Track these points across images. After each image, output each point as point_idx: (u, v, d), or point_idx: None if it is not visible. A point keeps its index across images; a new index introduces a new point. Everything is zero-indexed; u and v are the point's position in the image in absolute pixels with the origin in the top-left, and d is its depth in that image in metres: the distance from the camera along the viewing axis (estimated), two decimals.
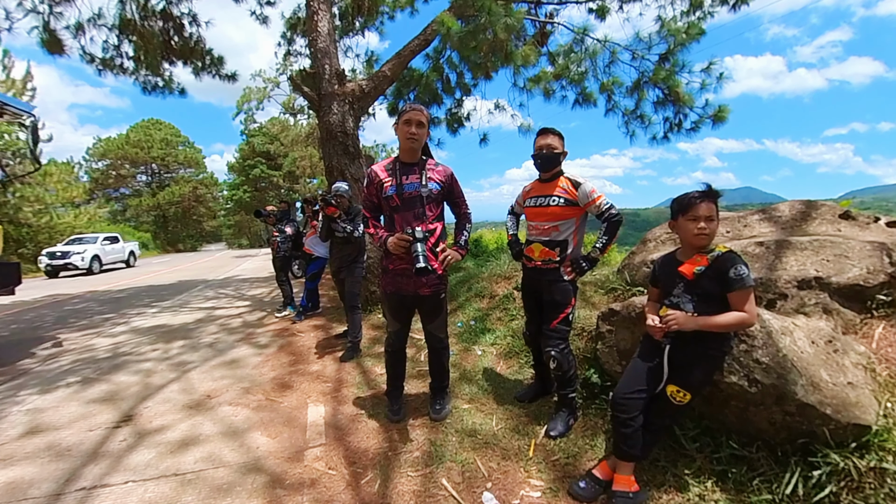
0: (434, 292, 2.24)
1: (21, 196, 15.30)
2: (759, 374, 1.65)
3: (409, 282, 2.19)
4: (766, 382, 1.63)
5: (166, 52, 6.50)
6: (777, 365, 1.63)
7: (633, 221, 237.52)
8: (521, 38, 6.23)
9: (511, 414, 2.46)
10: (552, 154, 2.19)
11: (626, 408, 1.68)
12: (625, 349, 2.27)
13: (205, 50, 6.84)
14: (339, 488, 1.90)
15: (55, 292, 9.16)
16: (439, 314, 2.34)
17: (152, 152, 32.97)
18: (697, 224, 1.60)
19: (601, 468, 1.81)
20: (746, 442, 1.77)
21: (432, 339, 2.42)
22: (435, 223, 2.19)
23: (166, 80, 6.83)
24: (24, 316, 6.43)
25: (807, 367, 1.62)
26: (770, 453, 1.71)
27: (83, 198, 19.32)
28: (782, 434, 1.67)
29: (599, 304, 3.29)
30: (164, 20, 6.38)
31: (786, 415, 1.62)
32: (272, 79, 18.06)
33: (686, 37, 5.86)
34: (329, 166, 5.17)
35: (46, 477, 2.02)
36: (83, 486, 1.94)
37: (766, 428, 1.70)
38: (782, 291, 2.16)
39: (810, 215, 2.77)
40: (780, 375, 1.61)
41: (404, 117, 2.09)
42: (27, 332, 5.28)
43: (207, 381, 3.26)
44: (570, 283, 2.22)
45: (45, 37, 5.70)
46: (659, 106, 6.55)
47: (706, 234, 1.59)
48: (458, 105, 7.55)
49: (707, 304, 1.58)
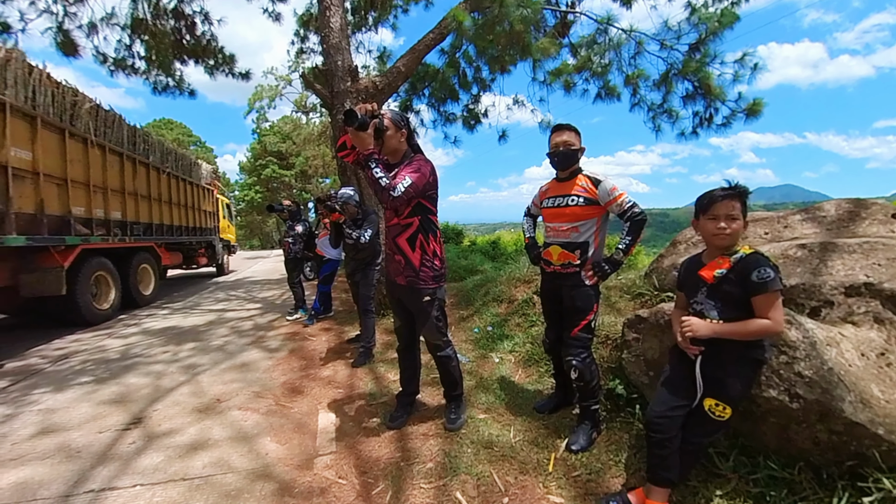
0: (409, 285, 2.27)
1: None
2: (802, 388, 1.59)
3: (391, 266, 2.35)
4: (809, 398, 1.56)
5: (178, 51, 6.73)
6: (822, 379, 1.56)
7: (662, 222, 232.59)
8: (542, 29, 6.19)
9: (530, 425, 2.43)
10: (570, 151, 2.16)
11: (663, 427, 1.62)
12: (652, 359, 2.21)
13: (217, 48, 7.05)
14: (350, 498, 1.91)
15: None
16: (426, 318, 2.31)
17: None
18: (717, 223, 1.56)
19: (636, 494, 1.73)
20: (787, 463, 1.70)
21: (427, 344, 2.44)
22: (409, 218, 2.22)
23: (177, 80, 7.06)
24: None
25: (856, 382, 1.55)
26: (814, 476, 1.63)
27: None
28: (827, 455, 1.59)
29: (625, 310, 3.22)
30: (176, 19, 6.60)
31: (832, 434, 1.55)
32: (284, 76, 18.50)
33: (719, 24, 5.71)
34: (342, 166, 5.24)
35: (56, 478, 2.09)
36: (92, 489, 2.00)
37: (810, 448, 1.63)
38: (828, 299, 2.07)
39: (859, 215, 2.65)
40: (825, 390, 1.54)
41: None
42: (40, 331, 5.51)
43: (217, 384, 3.33)
44: (591, 288, 2.18)
45: (60, 38, 5.96)
46: (688, 100, 6.41)
47: (726, 234, 1.55)
48: (476, 101, 7.57)
49: (733, 311, 1.53)
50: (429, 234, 2.26)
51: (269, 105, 20.49)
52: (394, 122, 2.21)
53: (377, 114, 2.12)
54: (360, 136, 2.02)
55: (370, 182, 2.07)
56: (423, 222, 2.24)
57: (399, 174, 2.14)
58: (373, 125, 2.05)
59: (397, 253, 2.27)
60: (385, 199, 2.05)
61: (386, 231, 2.37)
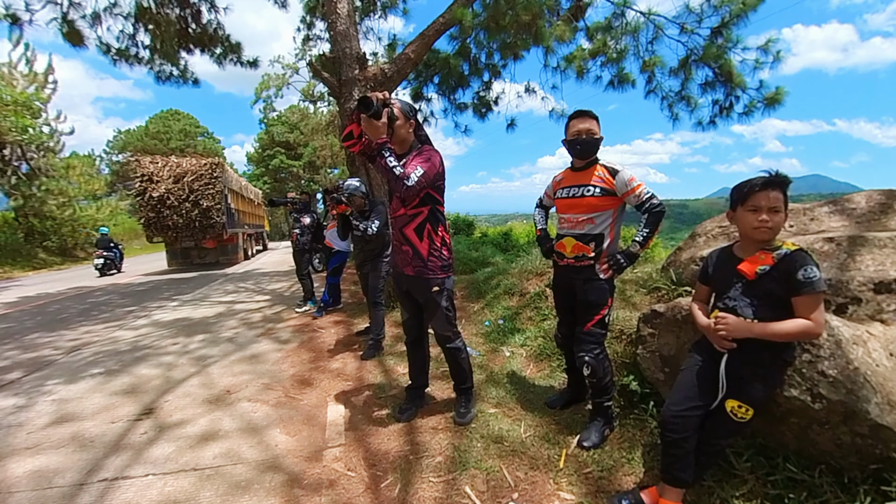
0: (417, 275, 2.29)
1: (46, 189, 16.38)
2: (825, 388, 1.56)
3: (398, 257, 2.37)
4: (832, 398, 1.53)
5: (183, 39, 6.74)
6: (847, 379, 1.52)
7: (681, 214, 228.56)
8: (556, 12, 6.07)
9: (541, 421, 2.44)
10: (592, 139, 2.12)
11: (679, 427, 1.59)
12: (668, 355, 2.19)
13: (224, 36, 7.06)
14: (358, 491, 1.94)
15: (79, 284, 9.78)
16: (435, 309, 2.34)
17: (171, 143, 34.53)
18: (759, 216, 1.48)
19: (650, 493, 1.73)
20: (807, 465, 1.67)
21: (436, 335, 2.47)
22: (417, 208, 2.25)
23: (181, 69, 7.09)
24: (48, 308, 6.90)
25: (883, 383, 1.51)
26: (835, 479, 1.61)
27: (104, 190, 20.53)
28: (850, 458, 1.57)
29: (641, 304, 3.19)
30: (181, 7, 6.61)
31: (855, 436, 1.52)
32: (291, 65, 18.48)
33: (744, 6, 5.53)
34: (350, 156, 5.24)
35: (71, 466, 2.17)
36: (105, 478, 2.07)
37: (832, 450, 1.60)
38: (855, 295, 2.02)
39: (892, 207, 2.56)
40: (849, 391, 1.51)
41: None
42: (53, 323, 5.67)
43: (227, 376, 3.40)
44: (606, 282, 2.16)
45: (65, 28, 6.02)
46: (707, 87, 6.25)
47: (768, 227, 1.48)
48: (486, 88, 7.47)
49: (769, 310, 1.48)
50: (437, 224, 2.29)
51: (276, 94, 20.53)
52: (403, 112, 2.22)
53: (388, 103, 2.11)
54: (373, 125, 2.02)
55: (383, 171, 2.08)
56: (431, 212, 2.26)
57: (409, 164, 2.14)
58: (385, 113, 2.05)
59: (405, 243, 2.29)
60: (399, 188, 2.07)
61: (392, 222, 2.39)
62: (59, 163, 17.42)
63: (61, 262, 16.44)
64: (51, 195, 16.66)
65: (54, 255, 16.89)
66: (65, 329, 5.20)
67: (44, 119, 16.60)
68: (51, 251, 17.00)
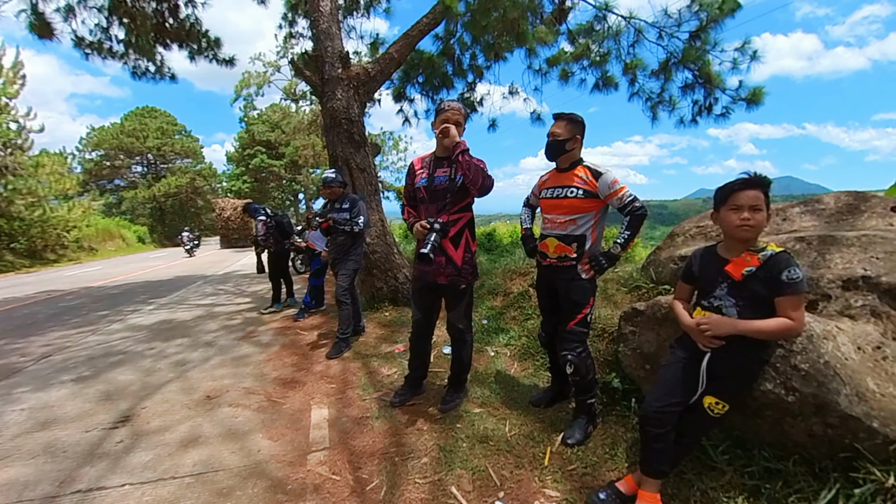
0: (451, 282, 2.39)
1: (13, 189, 15.70)
2: (798, 381, 1.62)
3: (428, 269, 2.40)
4: (805, 391, 1.60)
5: (160, 34, 6.56)
6: (818, 372, 1.59)
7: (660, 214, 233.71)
8: (539, 14, 6.13)
9: (525, 419, 2.46)
10: (555, 142, 2.18)
11: (660, 422, 1.64)
12: (649, 352, 2.24)
13: (201, 32, 6.89)
14: (344, 494, 1.93)
15: (50, 288, 9.42)
16: (460, 302, 2.49)
17: (147, 142, 33.52)
18: (741, 214, 1.53)
19: (626, 482, 1.78)
20: (782, 455, 1.74)
21: (451, 327, 2.57)
22: (458, 214, 2.34)
23: (158, 64, 6.90)
24: (15, 313, 6.62)
25: (851, 376, 1.58)
26: (808, 468, 1.67)
27: (76, 190, 19.76)
28: (822, 448, 1.63)
29: (622, 303, 3.25)
30: (157, 0, 6.43)
31: (827, 427, 1.59)
32: (272, 62, 18.16)
33: (720, 12, 5.70)
34: (333, 155, 5.18)
35: (42, 478, 2.08)
36: (79, 489, 2.00)
37: (805, 441, 1.67)
38: (825, 292, 2.10)
39: (858, 208, 2.68)
40: (821, 384, 1.57)
41: (441, 116, 2.29)
42: (22, 329, 5.44)
43: (207, 380, 3.33)
44: (588, 282, 2.20)
45: (34, 20, 5.78)
46: (687, 89, 6.42)
47: (750, 225, 1.52)
48: (471, 89, 7.49)
49: (753, 310, 1.52)
50: (473, 230, 2.43)
51: (256, 92, 20.11)
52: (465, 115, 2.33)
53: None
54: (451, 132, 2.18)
55: (474, 170, 2.16)
56: (471, 218, 2.41)
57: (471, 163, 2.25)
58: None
59: (439, 254, 2.31)
60: (489, 185, 2.22)
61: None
62: (27, 161, 16.70)
63: (30, 265, 15.78)
64: (18, 195, 15.96)
65: (23, 258, 16.19)
66: (35, 335, 5.00)
67: (12, 115, 15.93)
68: (19, 253, 16.28)
